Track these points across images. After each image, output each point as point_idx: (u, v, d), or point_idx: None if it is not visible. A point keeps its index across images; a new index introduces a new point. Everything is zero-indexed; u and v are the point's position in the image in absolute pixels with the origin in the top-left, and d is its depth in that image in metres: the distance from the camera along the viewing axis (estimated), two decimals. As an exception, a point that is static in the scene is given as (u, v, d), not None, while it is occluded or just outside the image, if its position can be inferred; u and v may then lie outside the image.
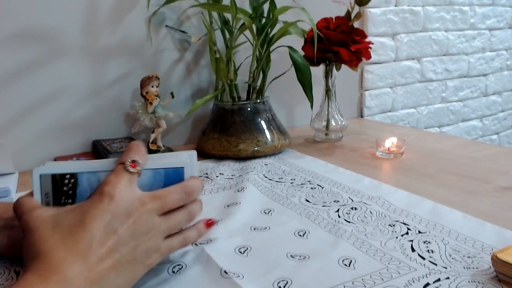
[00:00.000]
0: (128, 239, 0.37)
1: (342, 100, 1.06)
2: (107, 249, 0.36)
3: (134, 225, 0.38)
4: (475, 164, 0.77)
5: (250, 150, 0.83)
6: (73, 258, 0.34)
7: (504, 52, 1.62)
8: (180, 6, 0.93)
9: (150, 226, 0.39)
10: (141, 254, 0.38)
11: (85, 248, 0.35)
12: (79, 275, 0.34)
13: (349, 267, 0.44)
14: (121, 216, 0.37)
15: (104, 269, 0.35)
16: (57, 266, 0.33)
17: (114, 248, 0.36)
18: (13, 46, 0.80)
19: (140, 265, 0.38)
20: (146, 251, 0.38)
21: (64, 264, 0.34)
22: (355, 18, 0.90)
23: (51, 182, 0.41)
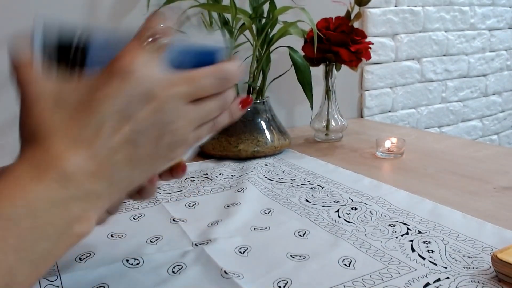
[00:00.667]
0: (149, 128, 0.30)
1: (342, 100, 1.06)
2: (121, 138, 0.29)
3: (156, 112, 0.30)
4: (475, 164, 0.77)
5: (250, 151, 0.83)
6: (76, 148, 0.28)
7: (504, 52, 1.62)
8: (180, 6, 0.93)
9: (176, 114, 0.31)
10: (165, 148, 0.31)
11: (92, 135, 0.29)
12: (81, 170, 0.28)
13: (349, 267, 0.44)
14: (140, 99, 0.30)
15: (116, 162, 0.29)
16: (56, 157, 0.28)
17: (129, 138, 0.30)
18: (13, 46, 0.80)
19: (163, 159, 0.32)
20: (171, 144, 0.32)
21: (65, 156, 0.28)
22: (355, 18, 0.90)
23: (57, 38, 0.32)
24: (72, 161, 0.28)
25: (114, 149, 0.29)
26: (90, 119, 0.29)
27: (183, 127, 0.32)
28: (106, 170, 0.29)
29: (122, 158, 0.30)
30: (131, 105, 0.29)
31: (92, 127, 0.29)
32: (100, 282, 0.42)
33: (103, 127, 0.29)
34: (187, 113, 0.32)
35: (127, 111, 0.29)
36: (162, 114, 0.30)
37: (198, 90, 0.32)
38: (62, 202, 0.27)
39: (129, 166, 0.30)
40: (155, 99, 0.30)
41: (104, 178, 0.29)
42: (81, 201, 0.28)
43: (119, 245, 0.50)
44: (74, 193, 0.28)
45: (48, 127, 0.29)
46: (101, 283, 0.42)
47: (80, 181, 0.28)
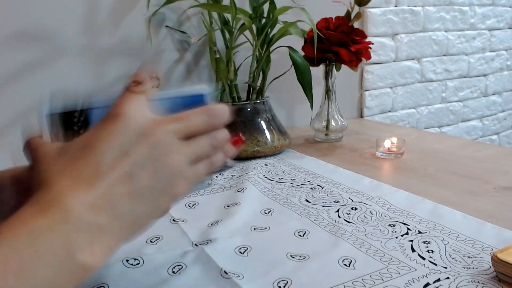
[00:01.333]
0: (145, 161, 0.32)
1: (342, 100, 1.06)
2: (120, 174, 0.31)
3: (150, 146, 0.32)
4: (475, 164, 0.77)
5: (250, 151, 0.83)
6: (78, 185, 0.30)
7: (504, 52, 1.62)
8: (180, 7, 0.93)
9: (170, 147, 0.33)
10: (163, 181, 0.33)
11: (91, 173, 0.31)
12: (82, 204, 0.29)
13: (349, 267, 0.44)
14: (135, 136, 0.32)
15: (116, 195, 0.31)
16: (58, 195, 0.30)
17: (128, 172, 0.31)
18: (13, 46, 0.80)
19: (164, 193, 0.33)
20: (169, 176, 0.33)
21: (66, 193, 0.30)
22: (355, 18, 0.90)
23: (61, 120, 0.36)
24: (74, 196, 0.30)
25: (113, 184, 0.31)
26: (89, 159, 0.31)
27: (177, 160, 0.33)
28: (107, 203, 0.30)
29: (121, 191, 0.31)
30: (126, 142, 0.32)
31: (91, 166, 0.31)
32: (100, 282, 0.42)
33: (101, 165, 0.31)
34: (179, 148, 0.34)
35: (123, 147, 0.32)
36: (156, 148, 0.32)
37: (188, 127, 0.35)
38: (63, 232, 0.28)
39: (130, 199, 0.31)
40: (148, 135, 0.32)
41: (107, 212, 0.30)
42: (83, 232, 0.29)
43: (119, 245, 0.50)
44: (75, 225, 0.29)
45: (52, 174, 0.31)
46: (101, 283, 0.42)
47: (82, 215, 0.29)
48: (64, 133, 0.36)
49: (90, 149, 0.31)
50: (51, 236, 0.28)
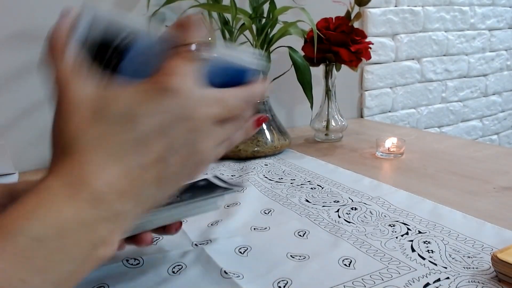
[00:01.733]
0: (181, 147, 0.30)
1: (342, 100, 1.06)
2: (154, 157, 0.29)
3: (190, 130, 0.30)
4: (475, 164, 0.77)
5: (250, 151, 0.83)
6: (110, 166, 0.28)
7: (504, 52, 1.62)
8: (180, 7, 0.93)
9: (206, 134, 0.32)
10: (190, 167, 0.32)
11: (127, 152, 0.28)
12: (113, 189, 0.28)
13: (349, 267, 0.44)
14: (179, 118, 0.30)
15: (146, 180, 0.29)
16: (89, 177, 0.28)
17: (163, 155, 0.30)
18: (13, 46, 0.80)
19: (186, 178, 0.32)
20: (196, 163, 0.32)
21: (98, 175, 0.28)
22: (355, 18, 0.90)
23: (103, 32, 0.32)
24: (103, 180, 0.28)
25: (146, 167, 0.29)
26: (128, 136, 0.29)
27: (208, 146, 0.32)
28: (135, 189, 0.29)
29: (151, 176, 0.29)
30: (168, 121, 0.29)
31: (129, 145, 0.29)
32: (100, 282, 0.42)
33: (139, 145, 0.29)
34: (213, 133, 0.32)
35: (165, 128, 0.29)
36: (194, 133, 0.31)
37: (227, 112, 0.33)
38: (90, 223, 0.27)
39: (156, 184, 0.30)
40: (191, 119, 0.30)
41: (132, 198, 0.29)
42: (108, 222, 0.28)
43: (119, 245, 0.50)
44: (103, 214, 0.28)
45: (84, 140, 0.28)
46: (101, 283, 0.42)
47: (111, 201, 0.28)
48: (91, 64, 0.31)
49: (131, 123, 0.29)
50: (78, 227, 0.27)
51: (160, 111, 0.29)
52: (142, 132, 0.29)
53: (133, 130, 0.29)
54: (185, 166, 0.31)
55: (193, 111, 0.30)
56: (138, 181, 0.29)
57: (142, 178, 0.29)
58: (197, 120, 0.31)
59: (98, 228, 0.28)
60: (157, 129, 0.29)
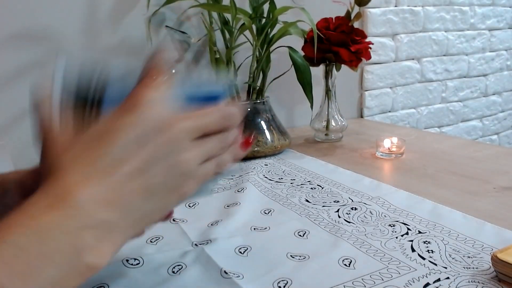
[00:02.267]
0: (161, 158, 0.31)
1: (342, 100, 1.06)
2: (134, 167, 0.30)
3: (167, 141, 0.32)
4: (475, 164, 0.77)
5: (250, 151, 0.83)
6: (90, 178, 0.29)
7: (504, 52, 1.62)
8: (180, 7, 0.93)
9: (185, 145, 0.33)
10: (176, 178, 0.32)
11: (105, 166, 0.30)
12: (94, 198, 0.29)
13: (349, 267, 0.44)
14: (154, 130, 0.31)
15: (130, 191, 0.30)
16: (69, 187, 0.29)
17: (143, 166, 0.31)
18: (13, 46, 0.80)
19: (174, 192, 0.33)
20: (182, 174, 0.33)
21: (78, 185, 0.29)
22: (355, 18, 0.90)
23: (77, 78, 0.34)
24: (85, 190, 0.29)
25: (127, 178, 0.30)
26: (104, 149, 0.30)
27: (190, 159, 0.33)
28: (119, 198, 0.30)
29: (134, 186, 0.30)
30: (144, 135, 0.31)
31: (106, 157, 0.30)
32: (100, 282, 0.42)
33: (117, 157, 0.30)
34: (193, 147, 0.33)
35: (141, 140, 0.31)
36: (172, 145, 0.32)
37: (205, 126, 0.34)
38: (72, 230, 0.28)
39: (142, 195, 0.31)
40: (166, 130, 0.32)
41: (117, 208, 0.30)
42: (93, 230, 0.28)
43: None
44: (85, 221, 0.28)
45: (63, 162, 0.30)
46: (101, 283, 0.42)
47: (92, 210, 0.28)
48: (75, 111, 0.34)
49: (105, 139, 0.30)
50: (60, 234, 0.27)
51: (134, 124, 0.31)
52: (119, 145, 0.30)
53: (111, 144, 0.30)
54: (169, 177, 0.32)
55: (167, 122, 0.32)
56: (122, 191, 0.30)
57: (125, 188, 0.30)
58: (172, 131, 0.32)
59: (82, 235, 0.28)
60: (134, 142, 0.30)
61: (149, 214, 0.32)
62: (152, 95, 0.32)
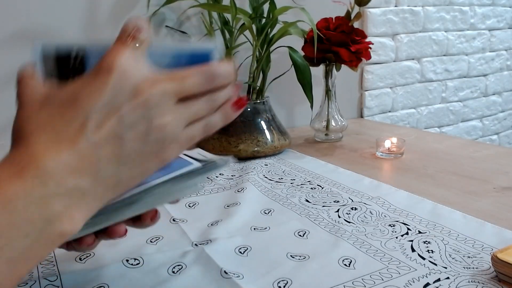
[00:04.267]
0: (135, 122, 0.30)
1: (342, 100, 1.06)
2: (106, 133, 0.29)
3: (143, 106, 0.30)
4: (475, 164, 0.77)
5: (250, 151, 0.83)
6: (59, 144, 0.28)
7: (504, 52, 1.62)
8: (180, 7, 0.93)
9: (163, 108, 0.31)
10: (154, 143, 0.31)
11: (75, 130, 0.28)
12: (63, 166, 0.28)
13: (349, 267, 0.44)
14: (126, 92, 0.30)
15: (101, 158, 0.29)
16: (37, 154, 0.28)
17: (115, 132, 0.29)
18: (13, 46, 0.80)
19: (153, 157, 0.31)
20: (161, 140, 0.31)
21: (46, 152, 0.28)
22: (355, 18, 0.90)
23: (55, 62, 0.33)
24: (53, 157, 0.28)
25: (99, 144, 0.29)
26: (73, 114, 0.29)
27: (170, 123, 0.31)
28: (90, 165, 0.29)
29: (107, 153, 0.29)
30: (116, 99, 0.29)
31: (75, 122, 0.29)
32: (100, 282, 0.42)
33: (87, 122, 0.29)
34: (174, 110, 0.31)
35: (113, 105, 0.29)
36: (149, 109, 0.30)
37: (186, 88, 0.32)
38: (41, 198, 0.27)
39: (116, 162, 0.29)
40: (141, 93, 0.30)
41: (88, 174, 0.29)
42: (62, 197, 0.28)
43: (119, 245, 0.50)
44: (54, 189, 0.27)
45: (31, 125, 0.29)
46: (101, 283, 0.42)
47: (61, 177, 0.28)
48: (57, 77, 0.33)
49: (76, 103, 0.29)
50: (28, 203, 0.26)
51: (105, 90, 0.29)
52: (87, 111, 0.29)
53: (79, 108, 0.29)
54: (146, 143, 0.30)
55: (141, 86, 0.30)
56: (92, 157, 0.29)
57: (95, 155, 0.29)
58: (149, 94, 0.30)
59: (51, 203, 0.27)
60: (104, 106, 0.29)
61: (126, 180, 0.31)
62: (125, 56, 0.30)
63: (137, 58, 0.31)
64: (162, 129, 0.31)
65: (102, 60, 0.30)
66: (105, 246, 0.50)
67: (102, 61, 0.30)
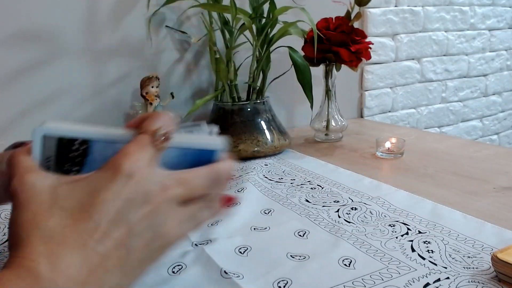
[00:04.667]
0: (143, 231, 0.29)
1: (342, 100, 1.06)
2: (115, 244, 0.28)
3: (151, 215, 0.30)
4: (475, 164, 0.77)
5: (250, 151, 0.83)
6: (67, 257, 0.27)
7: (504, 52, 1.62)
8: (180, 7, 0.93)
9: (168, 216, 0.31)
10: (155, 251, 0.31)
11: (86, 241, 0.27)
12: (70, 280, 0.26)
13: (349, 267, 0.44)
14: (138, 203, 0.29)
15: (107, 269, 0.28)
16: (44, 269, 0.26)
17: (123, 242, 0.29)
18: (13, 46, 0.80)
19: (151, 261, 0.31)
20: (161, 247, 0.31)
21: (53, 267, 0.26)
22: (355, 18, 0.90)
23: (56, 146, 0.32)
24: (62, 271, 0.26)
25: (107, 256, 0.28)
26: (85, 225, 0.28)
27: (172, 228, 0.31)
28: (97, 278, 0.27)
29: (113, 264, 0.28)
30: (129, 208, 0.29)
31: (86, 233, 0.28)
32: (100, 282, 0.42)
33: (96, 234, 0.28)
34: (176, 214, 0.32)
35: (123, 214, 0.29)
36: (156, 217, 0.30)
37: (191, 192, 0.32)
38: None
39: (121, 271, 0.29)
40: (151, 202, 0.30)
41: (89, 284, 0.27)
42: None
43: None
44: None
45: (40, 231, 0.27)
46: (101, 283, 0.42)
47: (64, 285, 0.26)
48: (56, 159, 0.32)
49: (86, 212, 0.28)
50: None
51: (115, 197, 0.29)
52: (98, 220, 0.28)
53: (89, 219, 0.28)
54: (150, 250, 0.30)
55: (150, 193, 0.30)
56: (99, 269, 0.27)
57: (103, 267, 0.28)
58: (157, 203, 0.30)
59: None
60: (114, 216, 0.28)
61: (126, 284, 0.30)
62: (140, 161, 0.30)
63: (154, 163, 0.31)
64: (164, 236, 0.31)
65: (118, 161, 0.30)
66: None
67: (118, 162, 0.30)
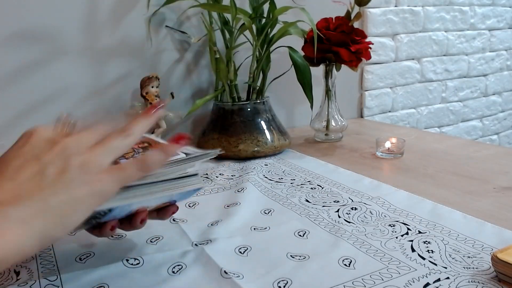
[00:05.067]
0: (55, 159, 0.34)
1: (342, 100, 1.06)
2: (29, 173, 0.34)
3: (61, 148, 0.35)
4: (475, 164, 0.77)
5: (250, 151, 0.83)
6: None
7: (504, 52, 1.62)
8: (180, 7, 0.93)
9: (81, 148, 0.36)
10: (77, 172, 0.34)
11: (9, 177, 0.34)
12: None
13: (349, 267, 0.44)
14: (44, 144, 0.36)
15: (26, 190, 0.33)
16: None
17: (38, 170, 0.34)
18: (13, 46, 0.80)
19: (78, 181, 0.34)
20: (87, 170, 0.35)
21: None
22: (355, 18, 0.90)
23: None
24: None
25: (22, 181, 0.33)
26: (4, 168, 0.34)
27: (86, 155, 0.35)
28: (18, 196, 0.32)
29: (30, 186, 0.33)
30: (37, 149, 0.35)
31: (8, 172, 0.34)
32: (100, 282, 0.42)
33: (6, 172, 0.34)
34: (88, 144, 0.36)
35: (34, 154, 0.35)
36: (66, 149, 0.35)
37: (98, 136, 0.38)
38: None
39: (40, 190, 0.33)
40: (58, 141, 0.36)
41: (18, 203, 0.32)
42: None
43: (119, 245, 0.50)
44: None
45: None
46: (101, 283, 0.42)
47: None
48: None
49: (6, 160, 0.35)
50: None
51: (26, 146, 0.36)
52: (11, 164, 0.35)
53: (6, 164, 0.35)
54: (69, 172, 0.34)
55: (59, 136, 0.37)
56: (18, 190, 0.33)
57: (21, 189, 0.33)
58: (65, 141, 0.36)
59: None
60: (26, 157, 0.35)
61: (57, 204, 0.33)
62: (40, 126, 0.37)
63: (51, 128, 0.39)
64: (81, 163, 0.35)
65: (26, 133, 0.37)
66: (105, 246, 0.50)
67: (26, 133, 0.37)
